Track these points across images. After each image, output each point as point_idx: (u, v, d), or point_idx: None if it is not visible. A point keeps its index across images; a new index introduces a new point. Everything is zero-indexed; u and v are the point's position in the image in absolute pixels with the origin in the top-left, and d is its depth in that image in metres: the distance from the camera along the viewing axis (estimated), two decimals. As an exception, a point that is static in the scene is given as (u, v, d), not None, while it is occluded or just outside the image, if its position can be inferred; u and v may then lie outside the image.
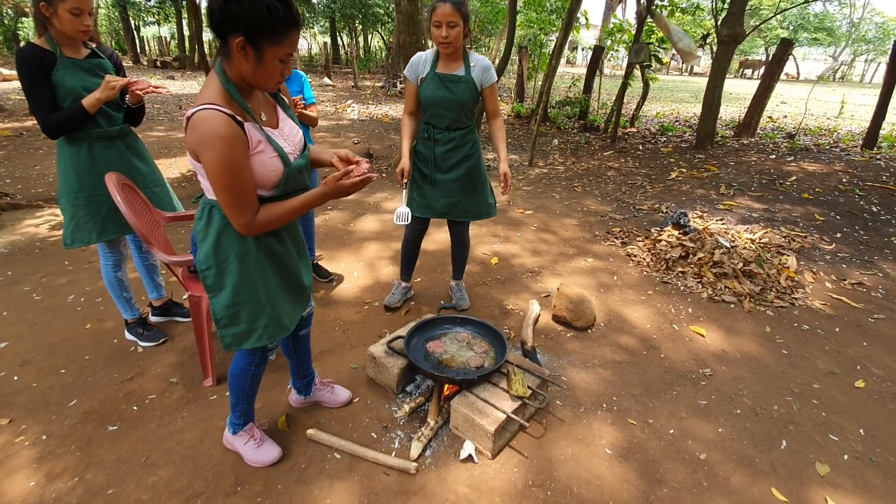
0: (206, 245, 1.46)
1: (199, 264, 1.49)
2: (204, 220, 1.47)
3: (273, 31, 1.24)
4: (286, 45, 1.28)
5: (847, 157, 6.46)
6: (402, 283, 3.03)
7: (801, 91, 19.27)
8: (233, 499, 1.70)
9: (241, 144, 1.28)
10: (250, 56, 1.26)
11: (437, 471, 1.83)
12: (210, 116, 1.24)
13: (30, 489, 1.72)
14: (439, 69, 2.40)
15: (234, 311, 1.52)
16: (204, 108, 1.25)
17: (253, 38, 1.24)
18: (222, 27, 1.24)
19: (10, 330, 2.63)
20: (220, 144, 1.24)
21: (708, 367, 2.51)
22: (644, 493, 1.78)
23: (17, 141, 7.08)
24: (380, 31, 25.85)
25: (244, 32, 1.22)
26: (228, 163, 1.26)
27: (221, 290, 1.50)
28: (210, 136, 1.23)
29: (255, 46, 1.25)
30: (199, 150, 1.27)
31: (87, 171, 2.15)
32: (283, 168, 1.40)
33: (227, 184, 1.28)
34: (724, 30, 6.78)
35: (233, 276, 1.48)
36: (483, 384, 2.04)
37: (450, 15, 2.20)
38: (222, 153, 1.24)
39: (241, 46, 1.24)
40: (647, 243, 3.89)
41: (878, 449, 2.02)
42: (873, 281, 3.45)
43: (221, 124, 1.24)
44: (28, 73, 1.93)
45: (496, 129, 2.60)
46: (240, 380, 1.74)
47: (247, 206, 1.34)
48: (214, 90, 1.30)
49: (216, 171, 1.27)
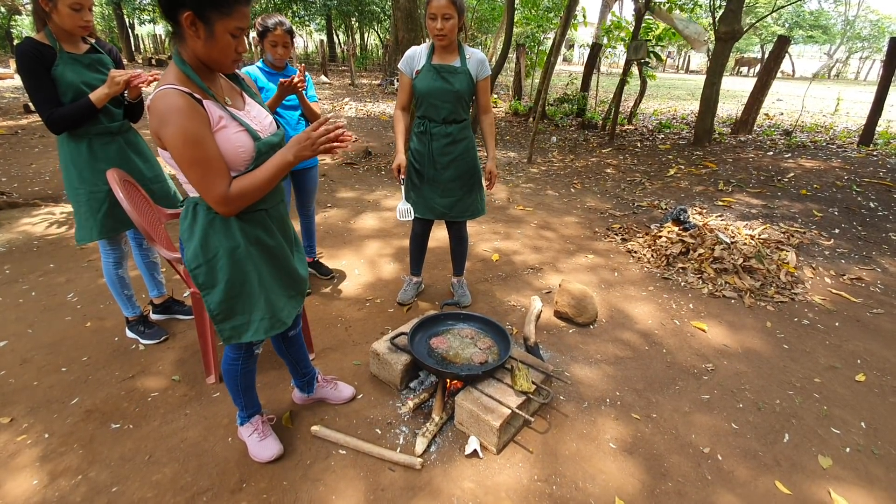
0: (193, 244, 1.45)
1: (188, 263, 1.48)
2: (189, 218, 1.46)
3: (221, 2, 1.24)
4: (235, 17, 1.27)
5: (844, 154, 6.49)
6: (413, 278, 3.03)
7: (797, 88, 19.35)
8: (238, 495, 1.69)
9: (199, 116, 1.27)
10: (201, 31, 1.26)
11: (442, 466, 1.83)
12: (165, 93, 1.24)
13: (33, 488, 1.71)
14: (435, 61, 2.40)
15: (229, 305, 1.52)
16: (160, 89, 1.25)
17: (201, 11, 1.23)
18: (171, 4, 1.23)
19: (10, 329, 2.61)
20: (177, 117, 1.23)
21: (710, 361, 2.51)
22: (649, 487, 1.78)
23: (13, 139, 7.03)
24: (376, 29, 25.80)
25: (192, 6, 1.22)
26: (189, 134, 1.24)
27: (214, 287, 1.49)
28: (167, 111, 1.23)
29: (205, 21, 1.25)
30: (159, 129, 1.26)
31: (88, 167, 2.14)
32: (252, 143, 1.38)
33: (191, 157, 1.26)
34: (722, 27, 6.80)
35: (224, 271, 1.47)
36: (487, 380, 2.04)
37: (445, 7, 2.21)
38: (181, 125, 1.23)
39: (191, 21, 1.24)
40: (647, 240, 3.90)
41: (879, 442, 2.03)
42: (872, 276, 3.47)
43: (176, 98, 1.24)
44: (29, 69, 1.91)
45: (487, 125, 2.62)
46: (230, 374, 1.74)
47: (217, 178, 1.30)
48: (171, 74, 1.30)
49: (178, 145, 1.25)
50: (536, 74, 12.00)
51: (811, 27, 30.92)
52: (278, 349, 1.94)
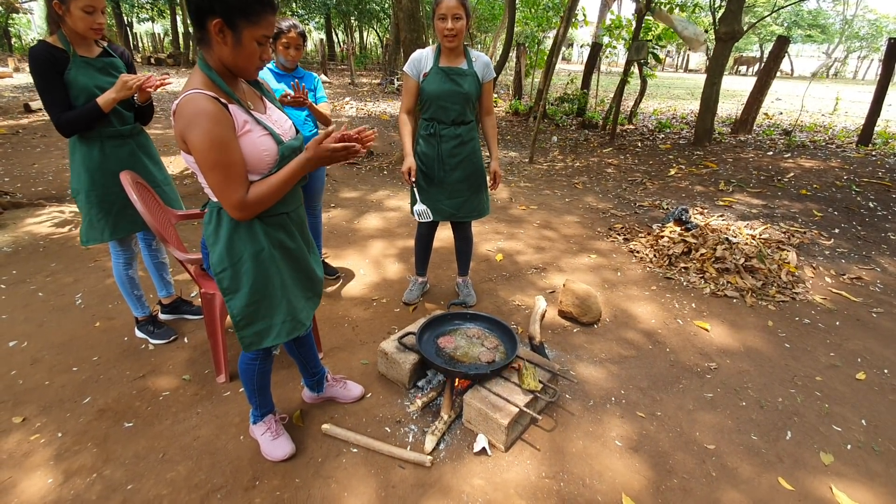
0: (218, 248, 1.47)
1: (214, 267, 1.50)
2: (213, 223, 1.48)
3: (249, 11, 1.26)
4: (263, 25, 1.30)
5: (843, 154, 6.53)
6: (419, 278, 3.06)
7: (796, 88, 19.40)
8: (251, 493, 1.72)
9: (226, 121, 1.30)
10: (228, 38, 1.28)
11: (451, 464, 1.86)
12: (193, 97, 1.27)
13: (48, 486, 1.73)
14: (443, 63, 2.43)
15: (252, 309, 1.54)
16: (187, 93, 1.28)
17: (230, 18, 1.26)
18: (200, 12, 1.26)
19: (19, 329, 2.63)
20: (204, 120, 1.26)
21: (713, 360, 2.55)
22: (655, 484, 1.81)
23: (14, 139, 7.03)
24: (375, 28, 25.79)
25: (221, 14, 1.25)
26: (214, 138, 1.27)
27: (238, 291, 1.51)
28: (195, 115, 1.26)
29: (233, 28, 1.27)
30: (185, 132, 1.28)
31: (99, 169, 2.16)
32: (276, 147, 1.41)
33: (214, 160, 1.29)
34: (723, 27, 6.83)
35: (248, 275, 1.50)
36: (495, 379, 2.07)
37: (455, 8, 2.25)
38: (208, 129, 1.26)
39: (219, 29, 1.26)
40: (649, 239, 3.93)
41: (879, 438, 2.06)
42: (872, 276, 3.50)
43: (205, 102, 1.26)
44: (41, 72, 1.93)
45: (490, 127, 2.67)
46: (248, 374, 1.77)
47: (236, 183, 1.33)
48: (197, 79, 1.33)
49: (203, 149, 1.27)
50: (537, 74, 12.02)
51: (809, 26, 30.97)
52: (289, 349, 1.96)
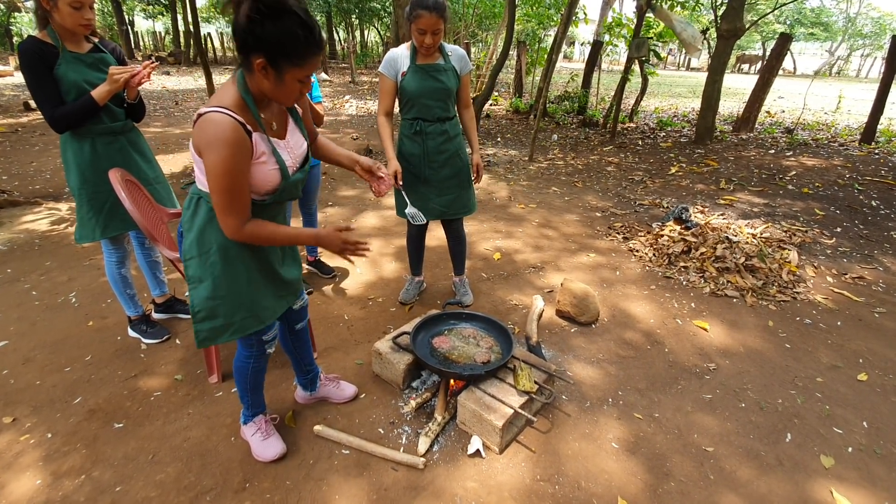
0: (190, 235, 1.47)
1: (184, 254, 1.50)
2: (191, 209, 1.47)
3: (295, 54, 1.25)
4: (307, 67, 1.29)
5: (846, 152, 6.48)
6: (415, 277, 3.05)
7: (798, 86, 19.31)
8: (242, 495, 1.70)
9: (245, 151, 1.30)
10: (271, 76, 1.28)
11: (445, 466, 1.83)
12: (221, 120, 1.25)
13: (36, 488, 1.71)
14: (420, 61, 2.41)
15: (214, 304, 1.51)
16: (217, 110, 1.26)
17: (274, 60, 1.25)
18: (245, 46, 1.25)
19: (11, 328, 2.62)
20: (225, 149, 1.25)
21: (712, 361, 2.51)
22: (652, 487, 1.78)
23: (13, 137, 7.02)
24: (376, 26, 25.74)
25: (266, 54, 1.24)
26: (230, 167, 1.27)
27: (202, 282, 1.49)
28: (217, 139, 1.25)
29: (276, 68, 1.27)
30: (203, 149, 1.28)
31: (90, 167, 2.14)
32: (280, 180, 1.43)
33: (224, 186, 1.30)
34: (724, 24, 6.77)
35: (215, 267, 1.47)
36: (490, 379, 2.04)
37: (435, 24, 2.23)
38: (226, 157, 1.26)
39: (263, 67, 1.26)
40: (648, 238, 3.90)
41: (881, 441, 2.03)
42: (874, 275, 3.46)
43: (230, 130, 1.25)
44: (31, 68, 1.91)
45: (468, 119, 2.66)
46: (241, 373, 1.74)
47: (239, 210, 1.35)
48: (231, 96, 1.31)
49: (217, 174, 1.28)
50: (537, 72, 11.97)
51: (812, 24, 30.81)
52: (285, 345, 1.95)
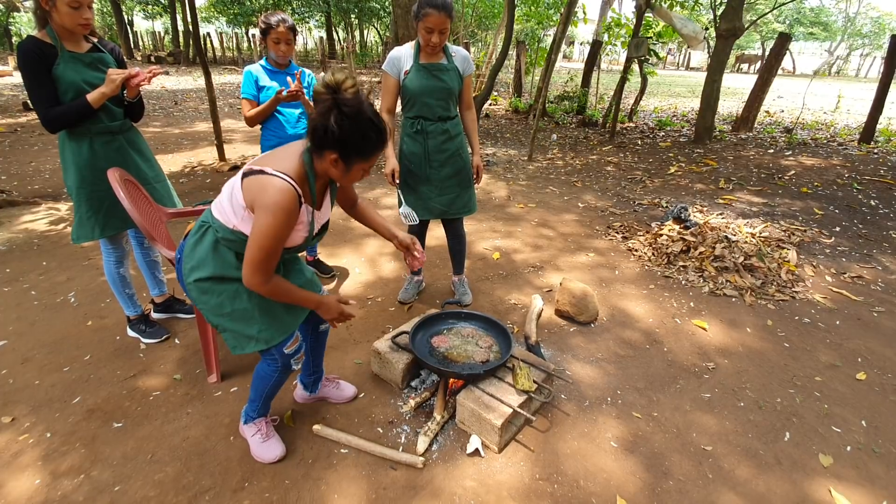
0: (191, 261, 1.55)
1: (185, 277, 1.57)
2: (196, 237, 1.55)
3: (365, 152, 1.39)
4: (372, 160, 1.43)
5: (845, 152, 6.49)
6: (414, 277, 3.05)
7: (798, 85, 19.32)
8: (240, 494, 1.70)
9: (295, 220, 1.42)
10: (339, 167, 1.40)
11: (443, 465, 1.83)
12: (286, 189, 1.35)
13: (35, 487, 1.71)
14: (423, 60, 2.41)
15: (223, 321, 1.58)
16: (283, 178, 1.36)
17: (347, 156, 1.38)
18: (322, 143, 1.36)
19: (10, 328, 2.61)
20: (282, 216, 1.36)
21: (711, 360, 2.52)
22: (650, 486, 1.78)
23: (12, 137, 7.02)
24: (375, 26, 25.74)
25: (340, 152, 1.36)
26: (278, 232, 1.38)
27: (207, 305, 1.57)
28: (277, 206, 1.34)
29: (347, 163, 1.40)
30: (259, 207, 1.37)
31: (89, 166, 2.13)
32: (301, 242, 1.56)
33: (266, 246, 1.39)
34: (724, 24, 6.78)
35: (216, 293, 1.56)
36: (489, 379, 2.04)
37: (443, 23, 2.24)
38: (279, 224, 1.37)
39: (335, 161, 1.38)
40: (647, 238, 3.90)
41: (880, 440, 2.03)
42: (873, 274, 3.47)
43: (291, 201, 1.36)
44: (29, 67, 1.90)
45: (470, 121, 2.65)
46: (263, 382, 1.76)
47: (269, 269, 1.45)
48: (296, 168, 1.40)
49: (264, 234, 1.37)
50: (536, 72, 11.97)
51: (812, 24, 30.83)
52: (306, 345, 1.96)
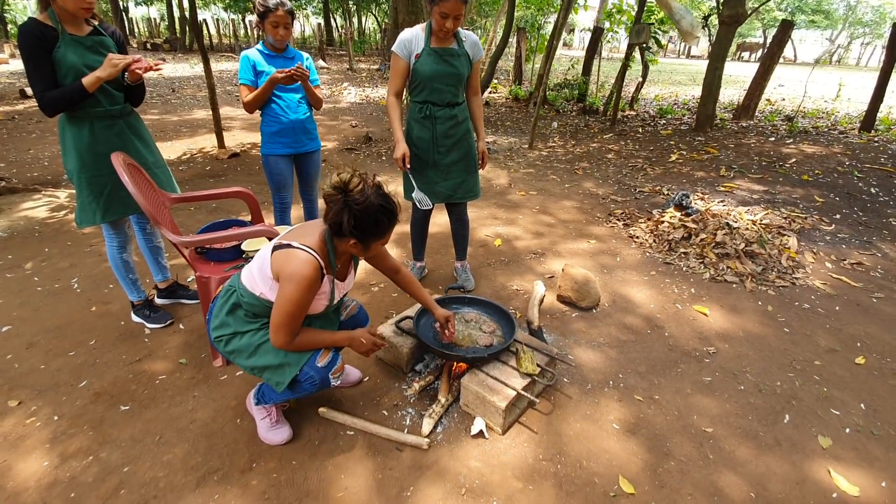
0: (218, 319, 1.69)
1: (211, 332, 1.70)
2: (223, 300, 1.70)
3: (379, 234, 1.55)
4: (387, 238, 1.61)
5: (845, 140, 6.48)
6: (417, 263, 3.07)
7: (799, 74, 19.22)
8: (248, 475, 1.72)
9: (316, 289, 1.55)
10: (359, 248, 1.57)
11: (448, 446, 1.85)
12: (310, 261, 1.49)
13: (44, 469, 1.73)
14: (434, 45, 2.39)
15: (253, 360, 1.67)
16: (307, 251, 1.50)
17: (365, 241, 1.54)
18: (341, 232, 1.51)
19: (14, 313, 2.62)
20: (305, 285, 1.48)
21: (712, 345, 2.54)
22: (652, 466, 1.81)
23: (10, 125, 6.97)
24: (374, 13, 25.46)
25: (358, 238, 1.53)
26: (301, 299, 1.50)
27: (235, 351, 1.68)
28: (301, 276, 1.47)
29: (364, 245, 1.56)
30: (284, 278, 1.49)
31: (89, 150, 2.12)
32: (321, 311, 1.67)
33: (290, 312, 1.52)
34: (726, 10, 6.72)
35: (237, 340, 1.67)
36: (492, 362, 2.06)
37: (459, 9, 2.22)
38: (302, 293, 1.49)
39: (353, 244, 1.54)
40: (649, 225, 3.91)
41: (878, 423, 2.06)
42: (872, 261, 3.48)
43: (314, 272, 1.50)
44: (29, 49, 1.89)
45: (476, 107, 2.64)
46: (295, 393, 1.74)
47: (293, 330, 1.57)
48: (318, 243, 1.55)
49: (288, 300, 1.50)
50: (537, 59, 11.88)
51: (813, 12, 30.57)
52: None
